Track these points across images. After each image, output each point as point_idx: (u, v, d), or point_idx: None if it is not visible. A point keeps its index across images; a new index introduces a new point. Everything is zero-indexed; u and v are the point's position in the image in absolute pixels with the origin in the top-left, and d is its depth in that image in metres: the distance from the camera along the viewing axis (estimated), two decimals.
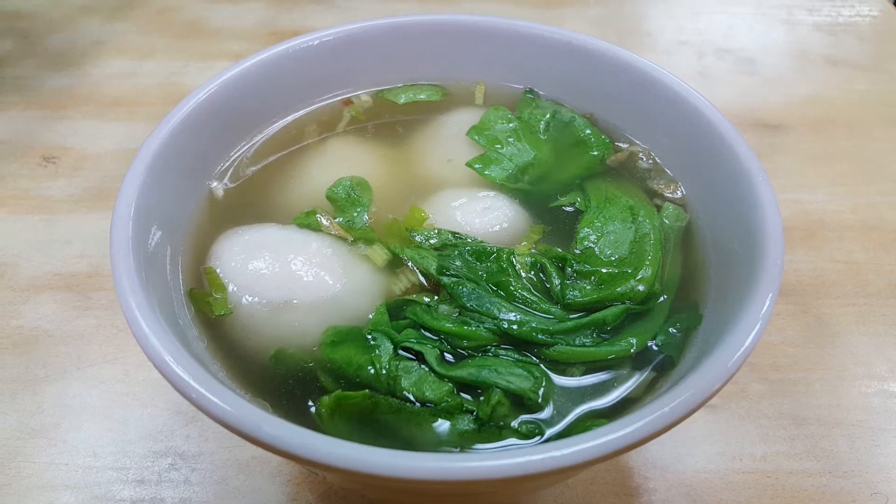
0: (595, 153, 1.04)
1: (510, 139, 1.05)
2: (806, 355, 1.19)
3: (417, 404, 0.73)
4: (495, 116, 1.08)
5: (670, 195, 1.00)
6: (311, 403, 0.79)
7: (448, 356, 0.79)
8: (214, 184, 0.99)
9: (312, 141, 1.03)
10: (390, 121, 1.06)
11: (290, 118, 1.09)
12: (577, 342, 0.81)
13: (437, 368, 0.79)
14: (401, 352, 0.77)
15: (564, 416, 0.78)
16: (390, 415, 0.72)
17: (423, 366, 0.76)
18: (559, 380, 0.81)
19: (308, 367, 0.78)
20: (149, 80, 1.72)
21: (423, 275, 0.90)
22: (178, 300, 0.87)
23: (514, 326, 0.81)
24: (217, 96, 0.99)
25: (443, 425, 0.76)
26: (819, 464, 1.05)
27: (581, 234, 0.92)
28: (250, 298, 0.85)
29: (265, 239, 0.88)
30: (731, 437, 1.08)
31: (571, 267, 0.88)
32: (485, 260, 0.89)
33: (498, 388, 0.77)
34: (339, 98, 1.12)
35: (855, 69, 1.79)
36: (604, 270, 0.87)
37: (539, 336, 0.81)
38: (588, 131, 1.06)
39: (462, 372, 0.79)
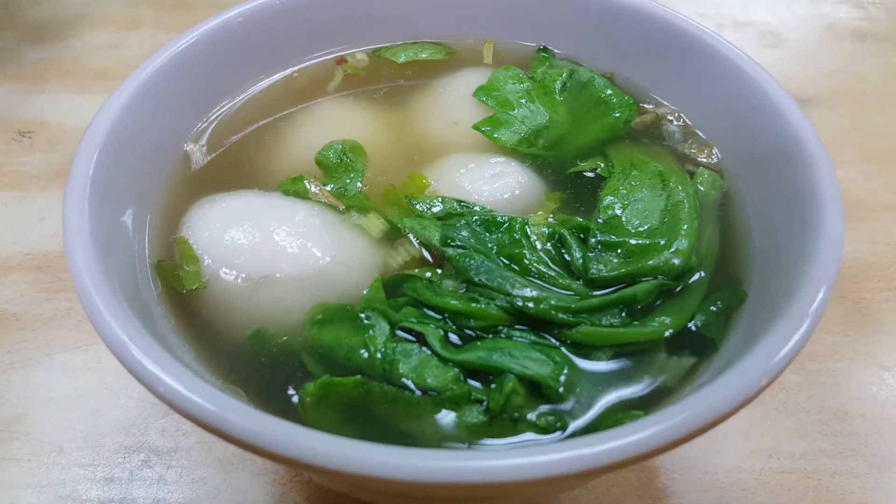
0: (617, 115, 0.92)
1: (522, 100, 0.93)
2: (846, 344, 1.07)
3: (418, 392, 0.63)
4: (505, 76, 0.96)
5: (704, 160, 0.88)
6: (292, 391, 0.67)
7: (453, 337, 0.69)
8: (190, 147, 0.88)
9: (301, 102, 0.92)
10: (388, 81, 0.94)
11: (276, 76, 0.97)
12: (603, 322, 0.69)
13: (440, 351, 0.67)
14: (399, 332, 0.68)
15: (590, 408, 0.66)
16: (386, 405, 0.63)
17: (424, 349, 0.66)
18: (583, 365, 0.69)
19: (291, 350, 0.70)
20: (134, 53, 1.60)
21: (425, 247, 0.78)
22: (143, 275, 0.75)
23: (531, 304, 0.69)
24: (195, 50, 0.88)
25: (447, 417, 0.64)
26: (866, 463, 0.93)
27: (605, 203, 0.80)
28: (227, 272, 0.74)
29: (245, 207, 0.79)
30: (766, 433, 0.96)
31: (595, 238, 0.76)
32: (495, 230, 0.77)
33: (512, 374, 0.65)
34: (331, 56, 1.00)
35: (884, 42, 1.67)
36: (632, 242, 0.75)
37: (559, 315, 0.69)
38: (609, 91, 0.94)
39: (470, 355, 0.67)
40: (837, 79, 1.58)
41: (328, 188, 0.83)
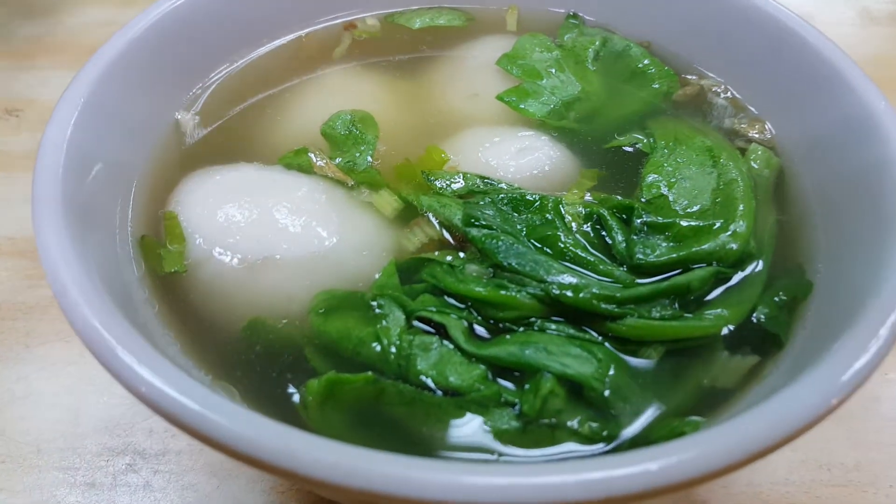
0: (657, 86, 0.83)
1: (552, 70, 0.84)
2: None
3: (439, 393, 0.56)
4: (532, 44, 0.87)
5: (756, 136, 0.78)
6: (293, 390, 0.58)
7: (479, 330, 0.60)
8: (183, 115, 0.78)
9: (306, 69, 0.84)
10: (402, 49, 0.85)
11: (280, 41, 0.88)
12: (653, 314, 0.60)
13: (464, 346, 0.58)
14: (416, 323, 0.61)
15: (639, 414, 0.57)
16: (401, 407, 0.56)
17: (445, 342, 0.59)
18: (631, 363, 0.59)
19: (292, 342, 0.62)
20: None
21: (445, 227, 0.68)
22: (125, 253, 0.66)
23: (569, 292, 0.59)
24: (189, 10, 0.79)
25: (473, 422, 0.55)
26: None
27: (648, 181, 0.71)
28: (220, 253, 0.65)
29: (242, 181, 0.72)
30: (815, 442, 0.86)
31: (640, 218, 0.66)
32: (524, 210, 0.67)
33: (549, 372, 0.56)
34: (339, 21, 0.91)
35: None
36: (683, 224, 0.66)
37: (602, 305, 0.59)
38: (646, 61, 0.85)
39: (499, 350, 0.57)
40: (873, 64, 1.47)
41: (336, 162, 0.74)
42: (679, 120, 0.81)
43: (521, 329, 0.60)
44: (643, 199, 0.70)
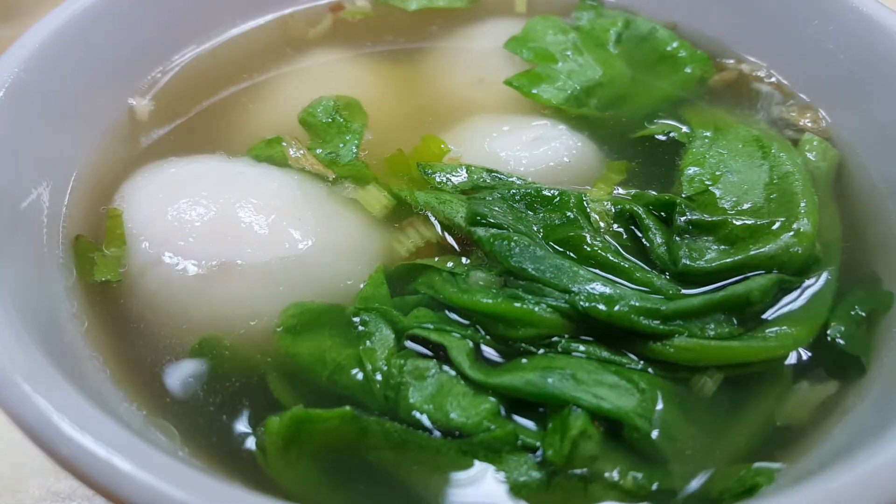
0: (689, 71, 0.72)
1: (568, 53, 0.72)
2: None
3: (436, 434, 0.42)
4: (544, 26, 0.76)
5: (809, 125, 0.66)
6: (249, 430, 0.45)
7: (488, 352, 0.46)
8: (138, 100, 0.66)
9: (284, 53, 0.77)
10: (395, 32, 0.76)
11: (256, 21, 0.77)
12: (708, 332, 0.47)
13: (469, 372, 0.45)
14: (409, 344, 0.50)
15: (695, 459, 0.44)
16: (388, 451, 0.44)
17: (446, 367, 0.47)
18: (681, 394, 0.46)
19: (252, 368, 0.51)
20: None
21: (446, 227, 0.56)
22: (53, 257, 0.54)
23: (601, 305, 0.47)
24: None
25: (483, 473, 0.42)
26: None
27: (688, 174, 0.60)
28: (170, 257, 0.54)
29: (202, 174, 0.61)
30: None
31: (683, 216, 0.54)
32: (541, 207, 0.55)
33: (579, 407, 0.43)
34: (325, 1, 0.79)
35: None
36: (736, 223, 0.53)
37: (644, 321, 0.47)
38: (675, 44, 0.74)
39: (514, 378, 0.45)
40: None
41: (317, 152, 0.62)
42: (716, 107, 0.69)
43: (541, 351, 0.47)
44: (684, 195, 0.58)
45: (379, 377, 0.46)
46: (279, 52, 0.75)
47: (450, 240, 0.56)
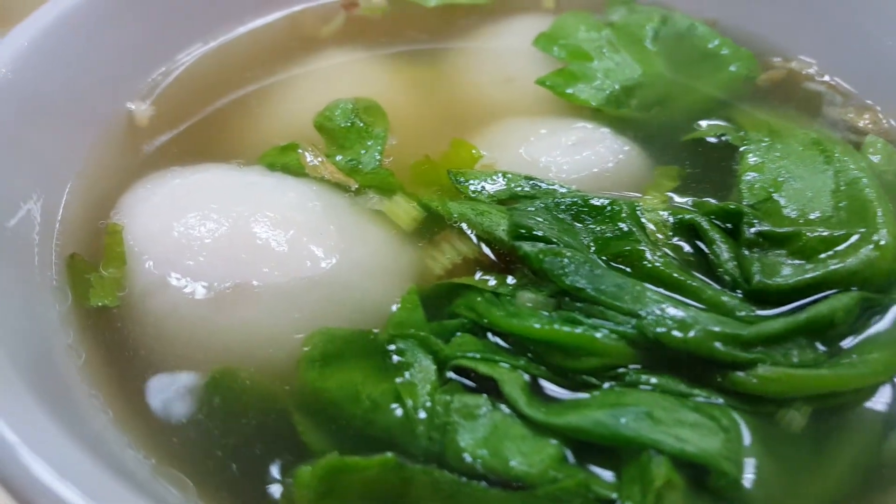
0: (734, 70, 0.66)
1: (604, 50, 0.66)
2: None
3: (491, 485, 0.34)
4: (575, 22, 0.70)
5: (870, 126, 0.61)
6: (276, 479, 0.38)
7: (546, 385, 0.39)
8: (138, 105, 0.60)
9: (296, 53, 0.71)
10: (415, 29, 0.71)
11: (264, 19, 0.71)
12: (793, 359, 0.41)
13: (527, 410, 0.39)
14: (451, 376, 0.41)
15: None
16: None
17: (499, 404, 0.38)
18: (767, 432, 0.40)
19: (275, 406, 0.44)
20: None
21: (485, 241, 0.50)
22: (46, 281, 0.47)
23: (677, 331, 0.41)
24: None
25: None
26: None
27: (746, 180, 0.54)
28: (177, 279, 0.47)
29: (210, 185, 0.55)
30: None
31: (752, 227, 0.48)
32: (589, 218, 0.50)
33: (660, 451, 0.37)
34: None
35: None
36: (810, 234, 0.47)
37: (722, 348, 0.41)
38: (717, 41, 0.68)
39: (580, 418, 0.39)
40: None
41: (337, 159, 0.56)
42: (767, 108, 0.63)
43: (608, 385, 0.41)
44: (745, 203, 0.52)
45: (422, 415, 0.40)
46: (289, 52, 0.69)
47: (490, 255, 0.50)
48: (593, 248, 0.48)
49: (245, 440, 0.41)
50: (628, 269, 0.47)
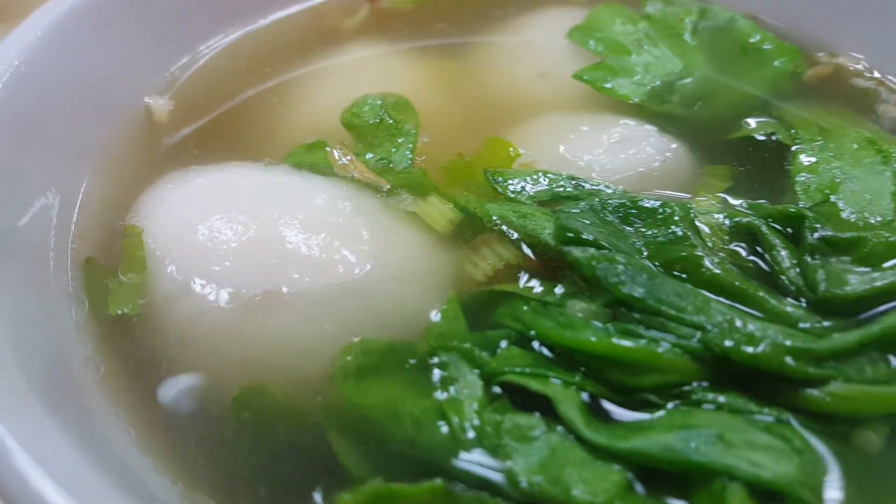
0: (779, 65, 0.62)
1: (642, 44, 0.63)
2: None
3: None
4: (610, 14, 0.67)
5: None
6: None
7: (604, 404, 0.35)
8: (156, 99, 0.57)
9: (320, 45, 0.67)
10: (442, 21, 0.70)
11: (285, 11, 0.68)
12: (867, 375, 0.38)
13: (587, 433, 0.36)
14: (496, 391, 0.38)
15: None
16: None
17: (555, 426, 0.34)
18: (842, 454, 0.37)
19: (308, 424, 0.41)
20: None
21: (530, 245, 0.46)
22: (61, 288, 0.44)
23: (747, 346, 0.37)
24: None
25: None
26: None
27: (800, 181, 0.50)
28: (202, 285, 0.44)
29: (235, 185, 0.51)
30: None
31: (815, 232, 0.44)
32: (639, 221, 0.46)
33: (733, 478, 0.33)
34: None
35: None
36: (874, 239, 0.44)
37: (793, 363, 0.37)
38: (759, 36, 0.65)
39: (647, 442, 0.35)
40: None
41: (368, 157, 0.52)
42: (815, 105, 0.60)
43: (673, 404, 0.38)
44: (801, 206, 0.49)
45: (471, 435, 0.36)
46: (312, 46, 0.66)
47: (532, 257, 0.46)
48: (645, 254, 0.45)
49: (278, 462, 0.38)
50: (684, 277, 0.43)
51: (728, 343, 0.38)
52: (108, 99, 0.55)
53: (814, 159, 0.52)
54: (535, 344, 0.42)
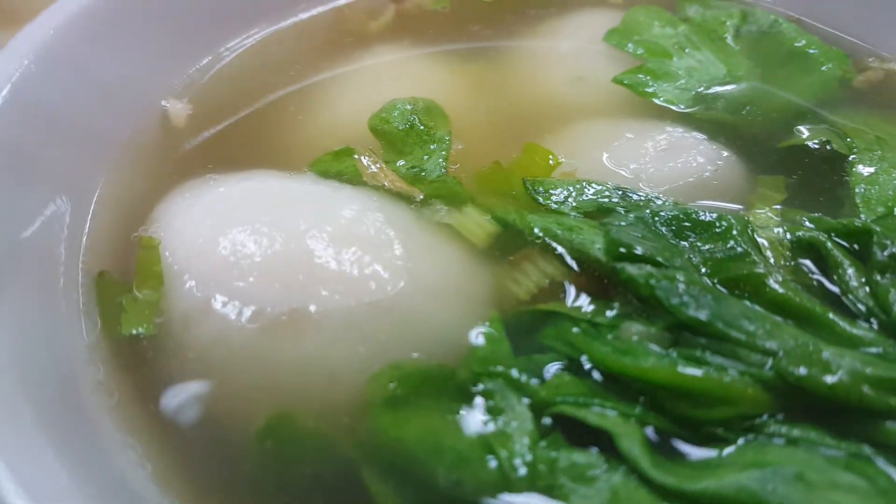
0: (827, 70, 0.58)
1: (685, 48, 0.59)
2: None
3: None
4: (647, 16, 0.63)
5: None
6: None
7: (669, 440, 0.31)
8: (173, 103, 0.53)
9: (345, 48, 0.64)
10: (472, 24, 0.65)
11: (308, 13, 0.64)
12: None
13: (653, 473, 0.32)
14: (545, 422, 0.34)
15: None
16: None
17: (616, 464, 0.30)
18: None
19: (339, 458, 0.37)
20: None
21: (577, 260, 0.42)
22: (72, 305, 0.40)
23: (825, 374, 0.33)
24: None
25: None
26: None
27: (860, 193, 0.47)
28: (223, 303, 0.40)
29: (258, 195, 0.48)
30: None
31: (884, 250, 0.41)
32: (693, 235, 0.43)
33: None
34: None
35: None
36: None
37: (870, 392, 0.34)
38: (804, 40, 0.61)
39: (720, 483, 0.32)
40: None
41: (399, 164, 0.49)
42: (868, 112, 0.56)
43: (745, 439, 0.34)
44: (862, 220, 0.45)
45: (521, 473, 0.33)
46: (336, 49, 0.63)
47: (577, 271, 0.43)
48: (704, 271, 0.41)
49: (307, 501, 0.34)
50: (745, 297, 0.40)
51: (802, 371, 0.34)
52: (123, 102, 0.51)
53: (873, 170, 0.49)
54: (587, 368, 0.38)
